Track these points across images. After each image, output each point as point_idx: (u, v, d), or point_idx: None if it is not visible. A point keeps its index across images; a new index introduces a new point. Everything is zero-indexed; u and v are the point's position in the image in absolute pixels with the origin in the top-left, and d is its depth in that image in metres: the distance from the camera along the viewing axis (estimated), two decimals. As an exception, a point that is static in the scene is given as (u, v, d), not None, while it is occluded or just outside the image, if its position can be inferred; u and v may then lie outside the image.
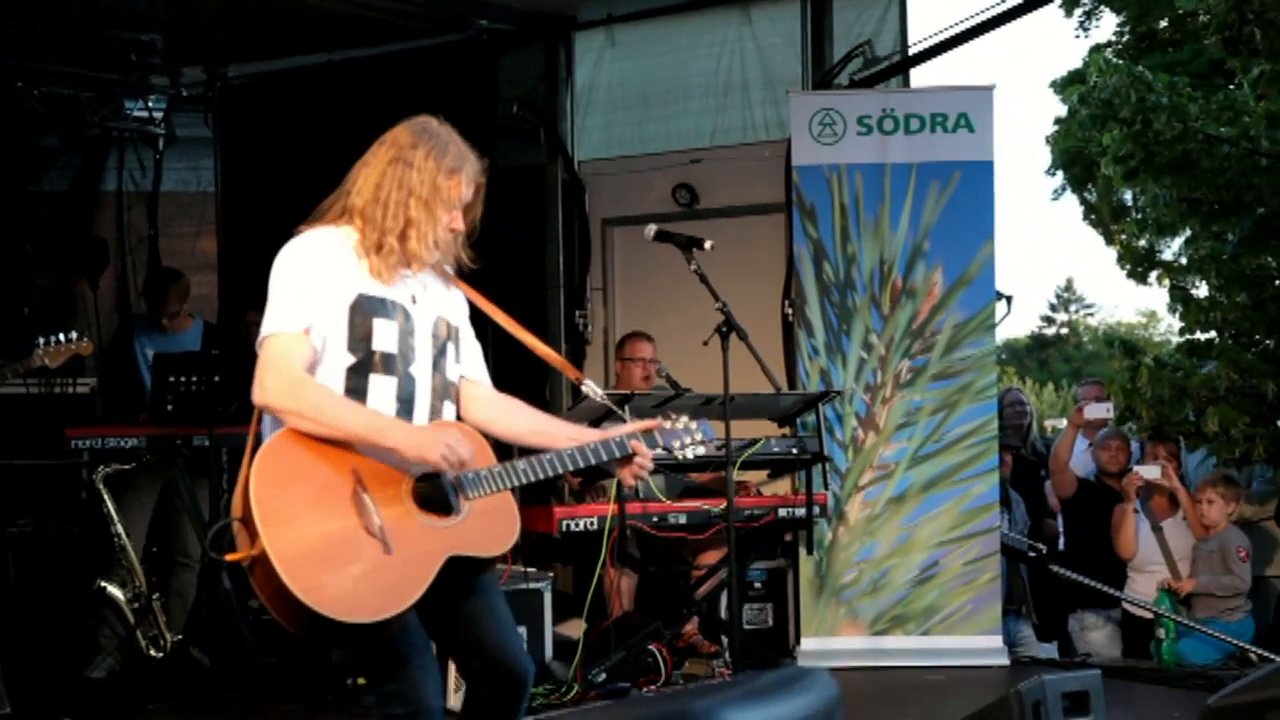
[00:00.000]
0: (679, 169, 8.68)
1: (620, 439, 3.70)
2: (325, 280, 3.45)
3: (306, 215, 3.64)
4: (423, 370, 3.56)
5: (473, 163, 3.59)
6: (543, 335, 8.51)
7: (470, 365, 3.76)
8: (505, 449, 3.79)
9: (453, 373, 3.67)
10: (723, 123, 8.82)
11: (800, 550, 7.15)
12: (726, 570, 6.19)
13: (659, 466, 6.31)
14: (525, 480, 3.57)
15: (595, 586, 6.33)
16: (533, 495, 7.18)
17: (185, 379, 6.54)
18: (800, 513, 6.79)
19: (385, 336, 3.48)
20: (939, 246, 7.29)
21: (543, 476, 3.59)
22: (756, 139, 8.62)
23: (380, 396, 3.47)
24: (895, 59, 8.25)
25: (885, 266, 7.31)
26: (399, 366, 3.50)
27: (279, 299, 3.44)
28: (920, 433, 7.24)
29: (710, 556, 6.92)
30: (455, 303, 3.74)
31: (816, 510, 6.83)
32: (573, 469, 3.68)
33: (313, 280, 3.44)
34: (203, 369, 6.57)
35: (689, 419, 3.88)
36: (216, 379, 6.52)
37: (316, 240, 3.51)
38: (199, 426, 6.54)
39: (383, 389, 3.47)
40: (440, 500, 3.43)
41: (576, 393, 8.35)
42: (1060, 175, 19.09)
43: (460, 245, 3.64)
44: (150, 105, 9.54)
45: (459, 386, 3.70)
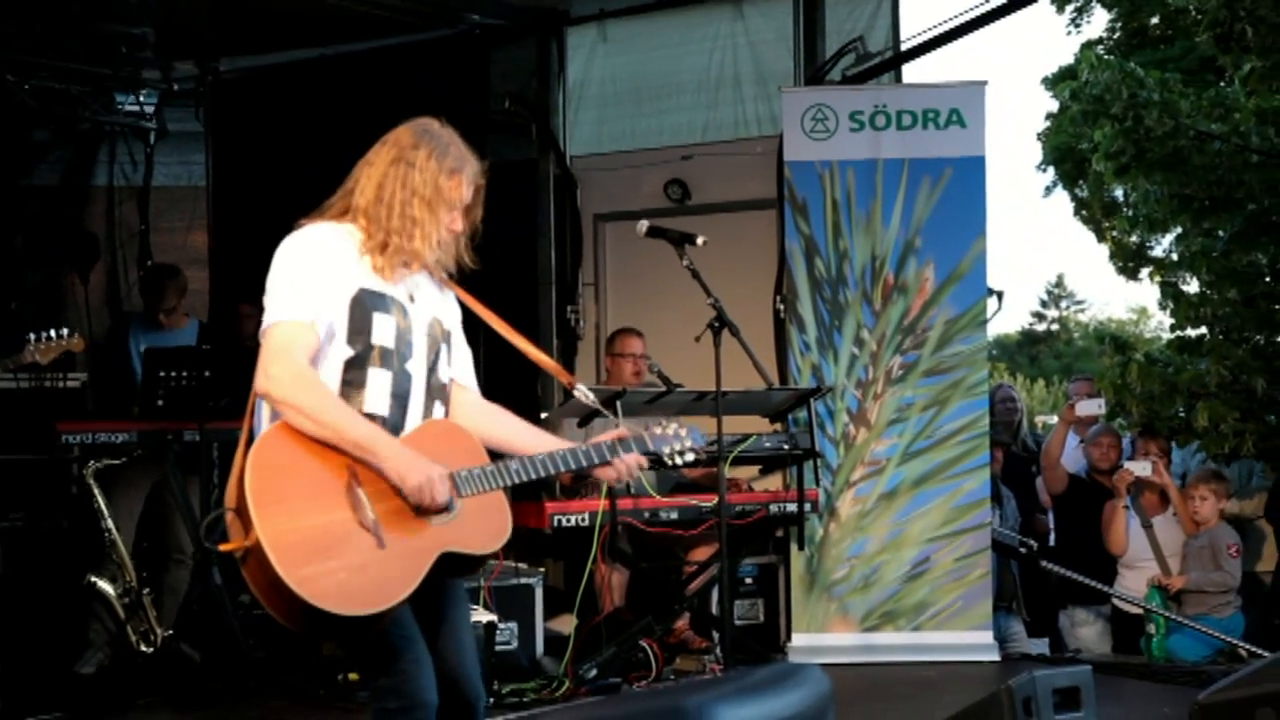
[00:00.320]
0: (671, 164, 8.67)
1: (610, 443, 3.72)
2: (329, 272, 3.46)
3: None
4: (418, 368, 3.57)
5: (473, 164, 3.62)
6: (534, 331, 8.68)
7: (460, 369, 3.77)
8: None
9: (445, 374, 3.68)
10: (715, 118, 8.82)
11: (791, 546, 7.15)
12: (718, 566, 6.19)
13: (654, 463, 6.35)
14: (518, 480, 3.58)
15: (586, 582, 6.33)
16: (524, 491, 7.18)
17: (176, 374, 6.53)
18: (791, 508, 6.79)
19: (384, 331, 3.49)
20: (931, 242, 7.29)
21: (535, 477, 3.61)
22: (749, 135, 8.63)
23: (376, 390, 3.48)
24: (887, 55, 8.26)
25: (877, 262, 7.32)
26: (395, 362, 3.51)
27: (284, 288, 3.44)
28: (911, 429, 7.25)
29: (701, 552, 6.92)
30: (449, 306, 3.75)
31: (808, 506, 6.83)
32: (564, 470, 3.70)
33: (317, 271, 3.45)
34: (194, 364, 6.55)
35: (680, 425, 3.89)
36: (207, 374, 6.50)
37: (320, 233, 3.52)
38: (190, 421, 6.53)
39: (379, 383, 3.48)
40: None
41: (568, 389, 8.37)
42: (1051, 171, 19.11)
43: (462, 246, 3.66)
44: (141, 99, 9.51)
45: (449, 389, 3.71)
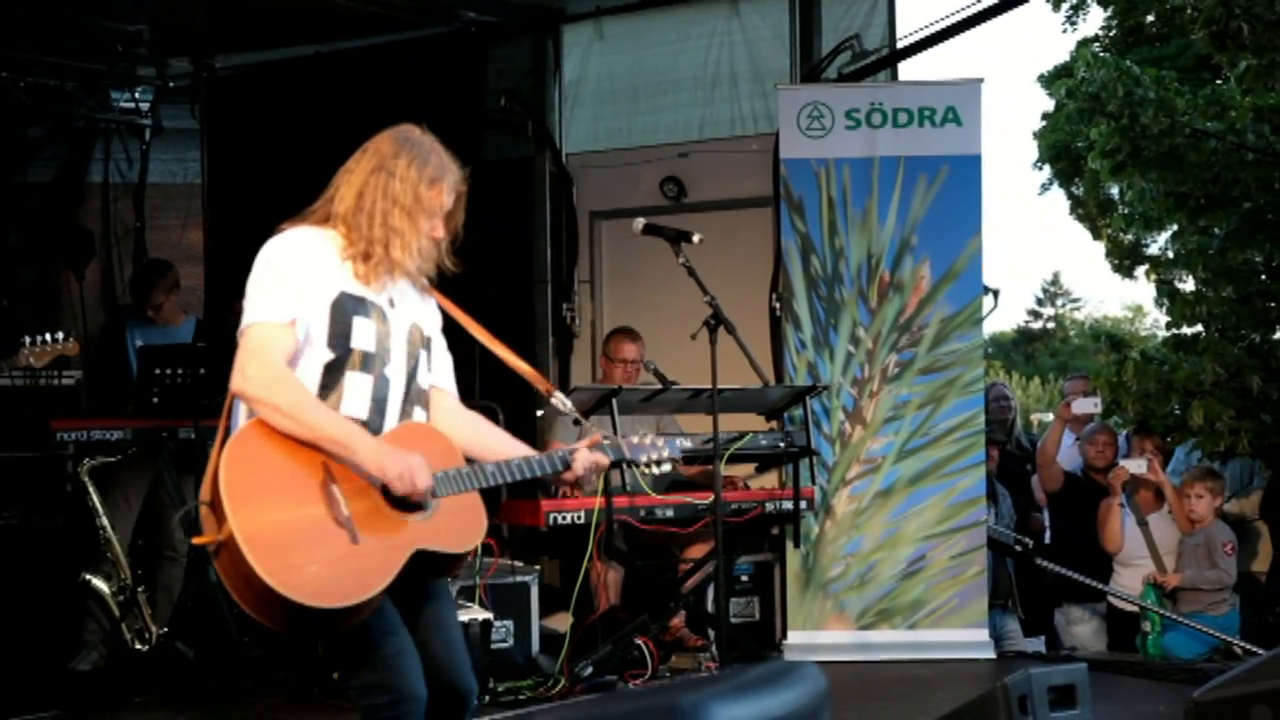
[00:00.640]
0: (667, 162, 8.68)
1: (564, 454, 3.76)
2: (309, 275, 3.47)
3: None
4: (397, 373, 3.59)
5: (454, 172, 3.63)
6: (530, 329, 8.68)
7: (440, 375, 3.79)
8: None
9: (425, 380, 3.70)
10: (711, 116, 8.82)
11: (787, 544, 7.16)
12: (713, 564, 6.20)
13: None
14: (493, 483, 3.62)
15: (582, 580, 6.32)
16: (520, 489, 7.18)
17: (171, 371, 6.52)
18: (787, 506, 6.80)
19: (364, 335, 3.51)
20: (926, 240, 7.29)
21: (509, 480, 3.66)
22: (745, 132, 8.63)
23: (355, 394, 3.49)
24: (883, 53, 8.26)
25: (873, 260, 7.32)
26: (375, 366, 3.53)
27: (264, 290, 3.45)
28: (907, 427, 7.25)
29: (697, 550, 6.92)
30: (430, 313, 3.78)
31: (803, 504, 6.83)
32: (537, 475, 3.74)
33: (297, 274, 3.46)
34: (188, 361, 6.55)
35: (658, 437, 4.01)
36: (202, 371, 6.50)
37: (302, 236, 3.53)
38: (185, 419, 6.51)
39: (358, 387, 3.50)
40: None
41: (564, 386, 8.37)
42: (1047, 169, 19.10)
43: (443, 252, 3.67)
44: (137, 96, 9.50)
45: (429, 395, 3.73)
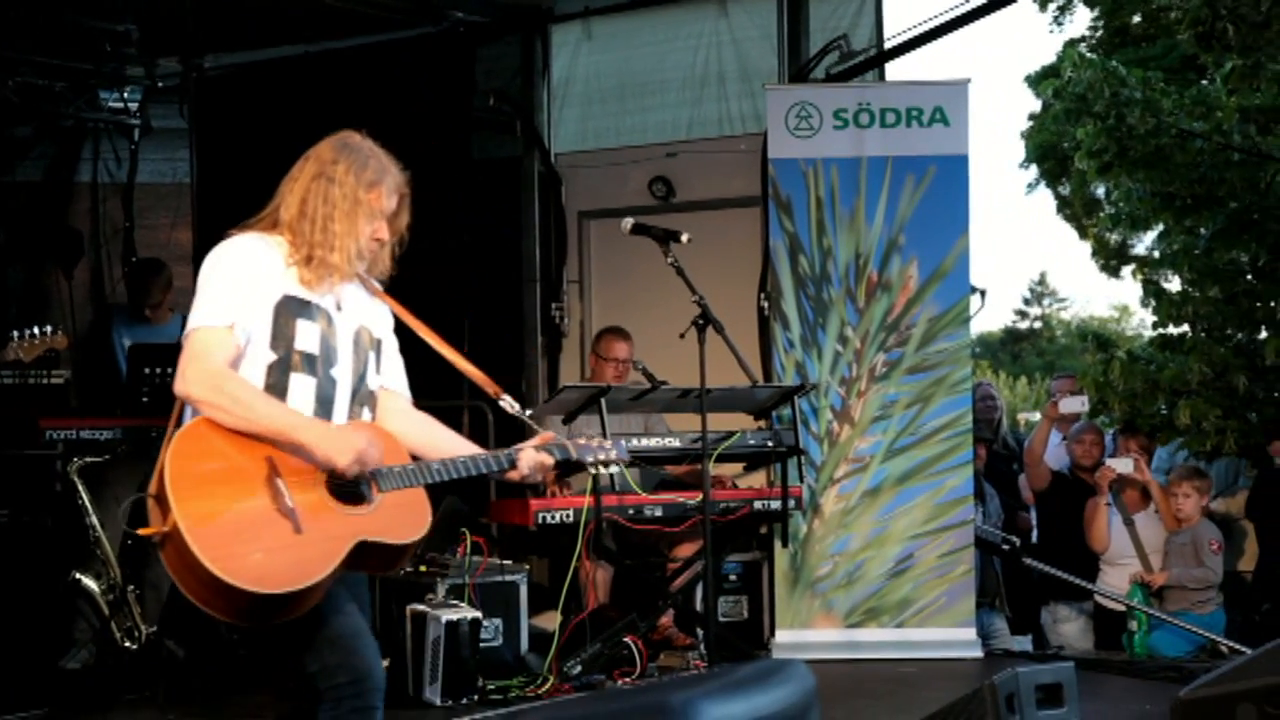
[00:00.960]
0: (656, 162, 8.68)
1: (510, 453, 3.81)
2: (252, 280, 3.54)
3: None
4: (344, 374, 3.66)
5: (394, 175, 3.71)
6: (519, 328, 8.68)
7: (391, 377, 3.86)
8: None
9: (373, 381, 3.77)
10: (699, 116, 8.83)
11: (775, 543, 7.17)
12: (702, 563, 6.21)
13: (635, 460, 6.38)
14: (438, 479, 3.68)
15: (571, 579, 6.33)
16: (508, 488, 7.19)
17: (160, 370, 6.52)
18: (775, 505, 6.80)
19: (307, 337, 3.59)
20: (914, 240, 7.32)
21: (454, 478, 3.72)
22: (733, 132, 8.63)
23: (300, 395, 3.56)
24: (871, 53, 8.27)
25: (861, 260, 7.34)
26: (319, 368, 3.60)
27: (207, 295, 3.53)
28: (895, 426, 7.27)
29: (686, 549, 6.93)
30: (379, 315, 3.85)
31: (792, 503, 6.83)
32: (482, 473, 3.81)
33: (240, 279, 3.54)
34: (178, 360, 6.53)
35: (605, 439, 4.08)
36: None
37: (246, 242, 3.61)
38: (174, 418, 6.50)
39: (302, 388, 3.57)
40: (353, 490, 3.53)
41: (553, 385, 8.38)
42: (1034, 169, 19.18)
43: (390, 254, 3.77)
44: (126, 96, 9.47)
45: (377, 396, 3.80)
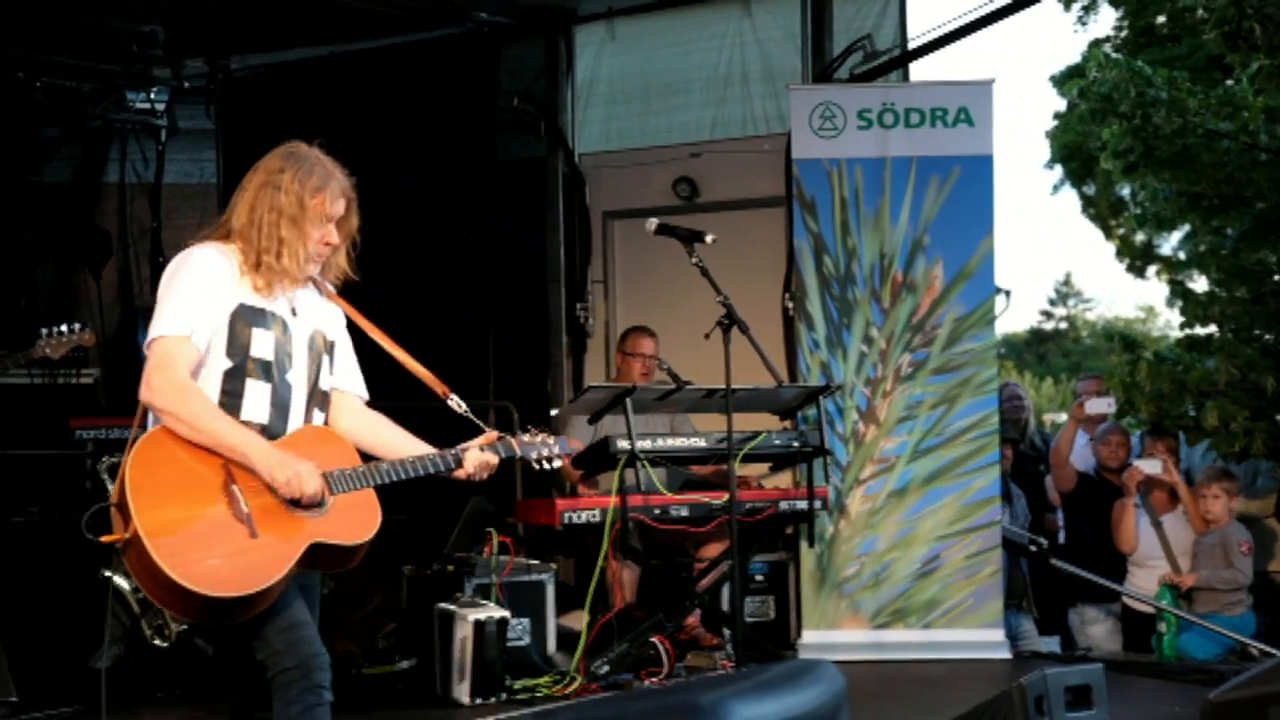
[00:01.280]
0: (679, 162, 8.68)
1: (456, 453, 3.95)
2: (209, 289, 3.71)
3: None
4: (299, 378, 3.84)
5: (339, 180, 3.86)
6: (544, 329, 8.70)
7: (345, 377, 4.03)
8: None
9: (325, 383, 3.94)
10: (723, 116, 8.82)
11: (801, 543, 7.17)
12: (728, 563, 6.21)
13: (661, 459, 6.39)
14: (387, 480, 3.84)
15: (597, 579, 6.34)
16: (535, 488, 7.21)
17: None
18: (801, 506, 6.80)
19: (262, 345, 3.75)
20: (939, 241, 7.30)
21: (402, 478, 3.86)
22: (757, 132, 8.63)
23: (256, 400, 3.74)
24: (895, 53, 8.26)
25: (885, 260, 7.33)
26: (275, 374, 3.78)
27: (166, 304, 3.71)
28: (921, 426, 7.26)
29: (712, 549, 6.93)
30: (333, 318, 4.00)
31: (818, 504, 6.84)
32: (429, 473, 3.93)
33: (197, 289, 3.70)
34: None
35: (548, 435, 4.21)
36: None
37: (202, 254, 3.77)
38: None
39: (258, 393, 3.75)
40: None
41: (578, 386, 8.40)
42: (1059, 169, 19.13)
43: (341, 257, 3.92)
44: (152, 97, 9.53)
45: (331, 396, 3.96)
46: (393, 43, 8.88)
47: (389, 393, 4.21)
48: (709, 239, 5.82)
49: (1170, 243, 15.97)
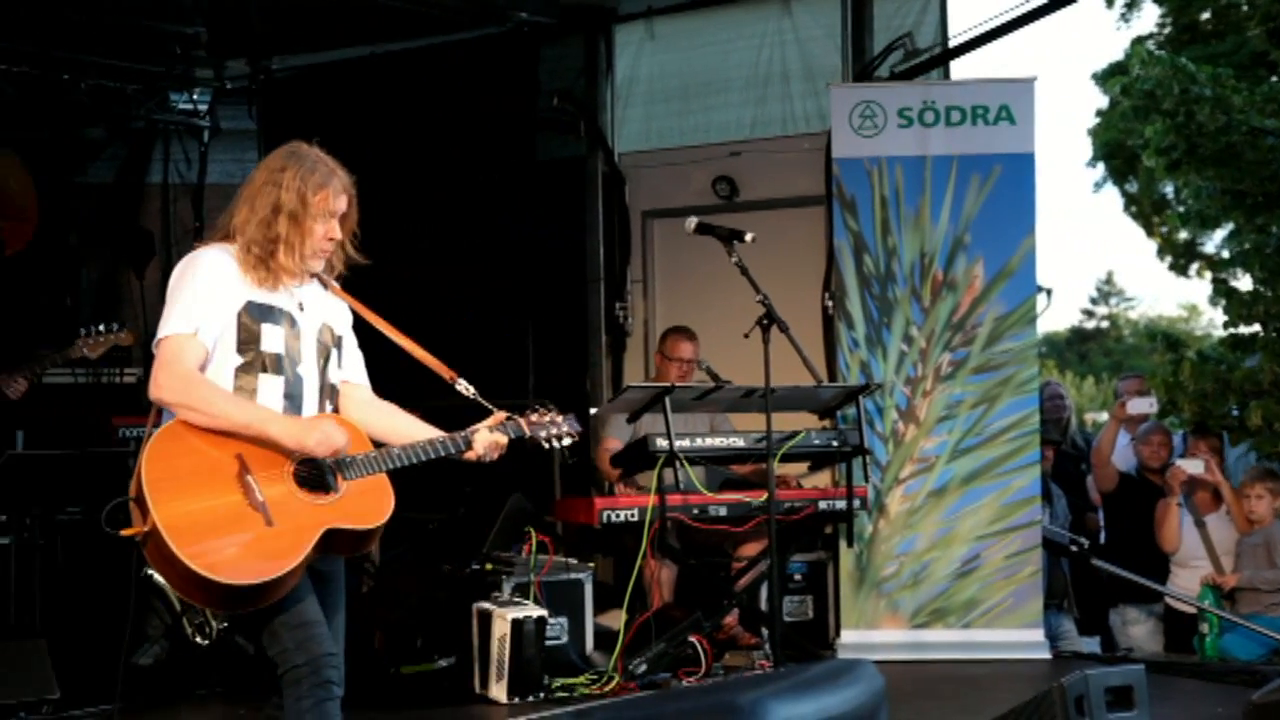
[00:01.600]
0: (719, 161, 8.67)
1: (466, 435, 4.03)
2: (215, 289, 3.81)
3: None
4: (309, 370, 3.92)
5: (341, 176, 3.98)
6: (583, 328, 8.71)
7: (352, 370, 4.10)
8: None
9: (334, 375, 4.01)
10: (763, 115, 8.81)
11: (840, 543, 7.16)
12: (767, 562, 6.21)
13: (700, 459, 6.39)
14: (399, 464, 3.91)
15: (635, 578, 6.35)
16: (573, 487, 7.22)
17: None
18: (840, 505, 6.79)
19: (272, 339, 3.84)
20: (980, 239, 7.28)
21: (414, 462, 3.94)
22: (796, 131, 8.61)
23: (269, 394, 3.82)
24: (936, 51, 8.23)
25: (926, 259, 7.31)
26: (286, 367, 3.85)
27: (174, 305, 3.79)
28: (961, 426, 7.23)
29: (750, 548, 6.93)
30: (339, 313, 4.09)
31: (857, 503, 6.82)
32: (439, 456, 4.00)
33: (202, 289, 3.79)
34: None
35: (557, 413, 4.24)
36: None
37: (207, 255, 3.89)
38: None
39: (271, 387, 3.82)
40: (319, 480, 3.78)
41: (617, 385, 8.40)
42: (1101, 167, 19.02)
43: (348, 250, 4.00)
44: (195, 98, 9.59)
45: (339, 389, 4.04)
46: (433, 43, 8.90)
47: (393, 395, 4.22)
48: (748, 238, 5.82)
49: (1213, 241, 15.86)
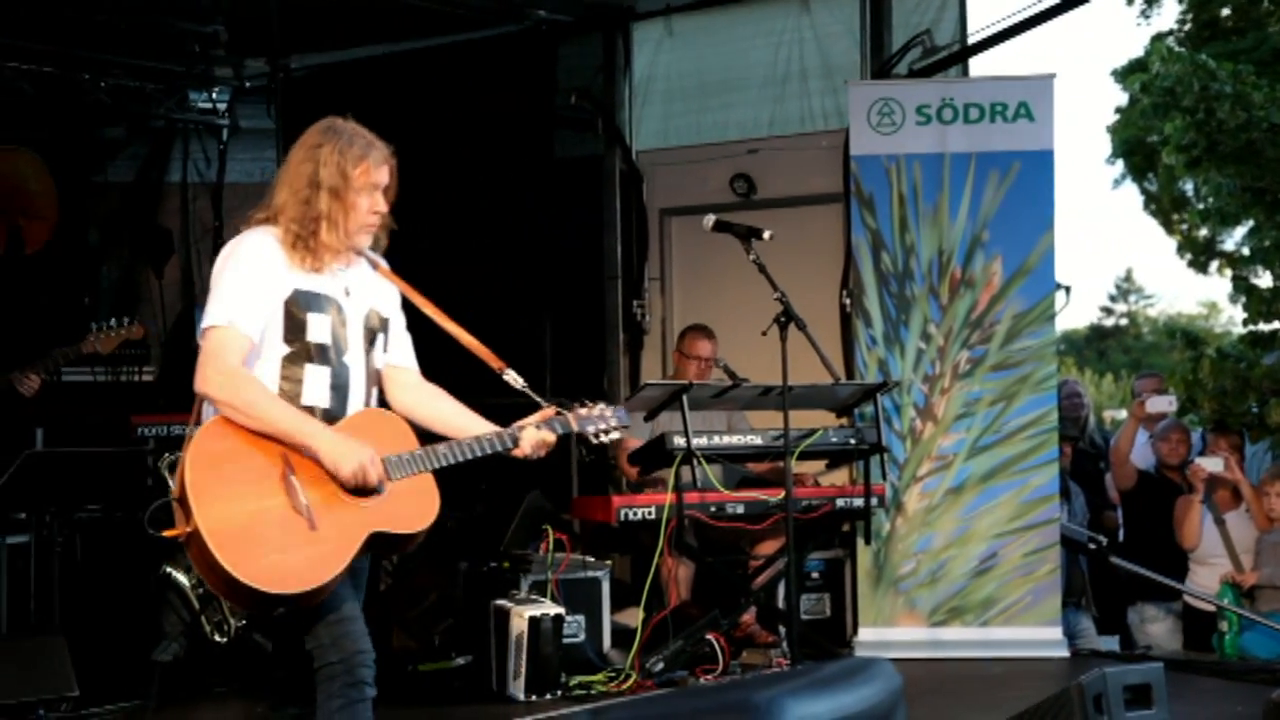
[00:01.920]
0: (737, 159, 8.66)
1: (513, 432, 3.92)
2: (261, 276, 3.70)
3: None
4: (356, 359, 3.83)
5: (380, 148, 3.85)
6: (600, 325, 8.71)
7: (400, 354, 4.03)
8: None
9: (380, 361, 3.93)
10: (781, 113, 8.79)
11: (858, 541, 7.14)
12: (784, 560, 6.20)
13: (717, 456, 6.38)
14: (445, 463, 3.81)
15: (653, 576, 6.35)
16: (591, 485, 7.21)
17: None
18: (858, 503, 6.77)
19: (319, 328, 3.75)
20: (998, 236, 7.25)
21: (460, 460, 3.84)
22: (814, 129, 8.58)
23: (315, 384, 3.74)
24: (954, 48, 8.20)
25: (944, 257, 7.29)
26: (333, 356, 3.77)
27: (219, 294, 3.70)
28: (979, 423, 7.21)
29: (768, 546, 6.93)
30: (388, 295, 3.99)
31: (874, 501, 6.81)
32: (486, 454, 3.90)
33: (249, 277, 3.70)
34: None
35: (606, 406, 4.13)
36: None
37: (252, 240, 3.77)
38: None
39: (318, 377, 3.74)
40: None
41: (634, 383, 8.40)
42: (1120, 164, 18.96)
43: (387, 223, 3.92)
44: (214, 96, 9.64)
45: (386, 373, 3.97)
46: (451, 41, 8.92)
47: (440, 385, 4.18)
48: (766, 235, 5.82)
49: (1233, 238, 15.79)
